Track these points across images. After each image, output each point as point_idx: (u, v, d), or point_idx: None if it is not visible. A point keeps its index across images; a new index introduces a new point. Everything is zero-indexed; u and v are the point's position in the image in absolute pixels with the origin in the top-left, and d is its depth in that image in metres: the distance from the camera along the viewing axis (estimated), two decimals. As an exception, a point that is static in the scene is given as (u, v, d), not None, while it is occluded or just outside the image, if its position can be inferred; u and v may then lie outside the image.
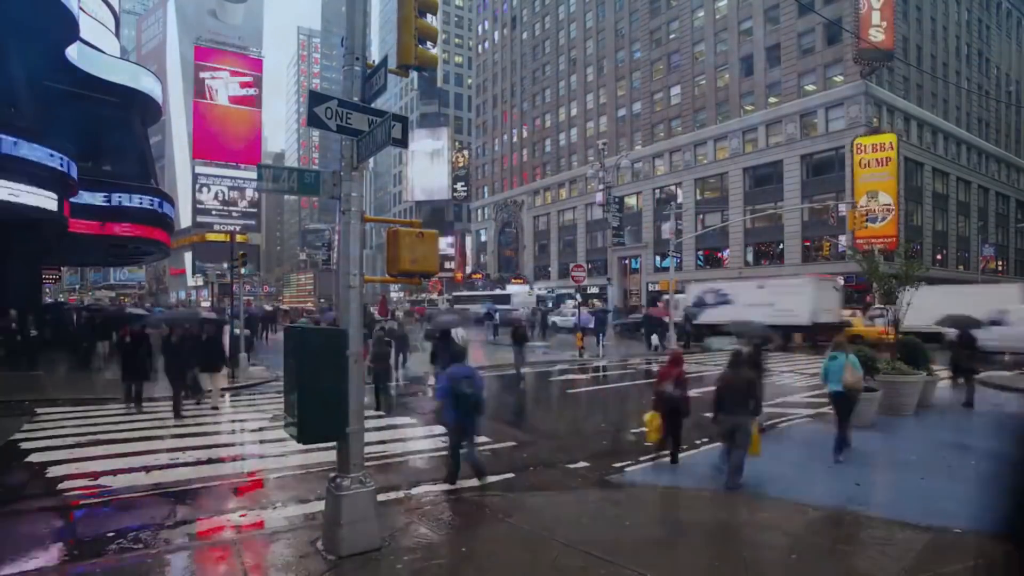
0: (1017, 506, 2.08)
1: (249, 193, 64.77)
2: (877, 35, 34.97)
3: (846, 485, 6.28)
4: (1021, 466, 2.13)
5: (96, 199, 20.63)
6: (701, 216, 45.43)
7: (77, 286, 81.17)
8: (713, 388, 6.55)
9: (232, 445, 8.59)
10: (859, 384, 7.59)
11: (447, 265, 71.99)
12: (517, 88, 68.48)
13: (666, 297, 26.77)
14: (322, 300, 75.87)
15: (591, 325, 22.07)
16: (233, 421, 10.46)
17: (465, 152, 79.16)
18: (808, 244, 39.62)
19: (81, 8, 17.74)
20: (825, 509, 5.55)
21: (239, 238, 30.35)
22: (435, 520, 5.24)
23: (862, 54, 35.98)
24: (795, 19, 39.69)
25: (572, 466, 7.24)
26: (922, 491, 6.04)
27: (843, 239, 35.84)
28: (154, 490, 6.38)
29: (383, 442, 8.31)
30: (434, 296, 55.44)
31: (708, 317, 25.30)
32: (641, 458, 7.42)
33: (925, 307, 11.59)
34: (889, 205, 34.41)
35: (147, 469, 7.03)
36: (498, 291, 48.16)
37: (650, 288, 48.54)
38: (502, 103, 71.45)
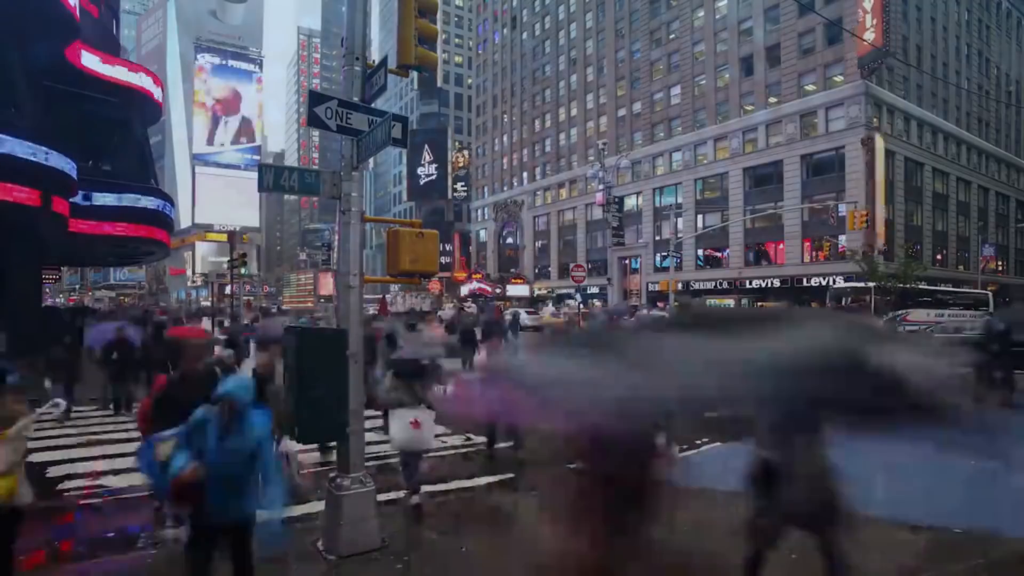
0: None
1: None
2: (869, 35, 34.95)
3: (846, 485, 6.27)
4: None
5: (96, 199, 20.61)
6: (701, 216, 45.45)
7: (77, 286, 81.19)
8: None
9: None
10: None
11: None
12: (517, 88, 68.48)
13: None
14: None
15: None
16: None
17: (465, 152, 79.19)
18: (808, 244, 39.65)
19: (81, 8, 17.74)
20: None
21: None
22: (435, 520, 5.25)
23: (862, 60, 35.95)
24: (795, 19, 39.68)
25: (572, 466, 7.23)
26: (923, 491, 6.04)
27: (843, 239, 35.83)
28: (155, 490, 6.38)
29: (383, 442, 8.30)
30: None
31: None
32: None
33: None
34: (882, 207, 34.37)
35: (147, 469, 7.02)
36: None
37: (650, 288, 48.55)
38: (502, 103, 71.45)
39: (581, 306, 26.75)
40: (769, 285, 40.22)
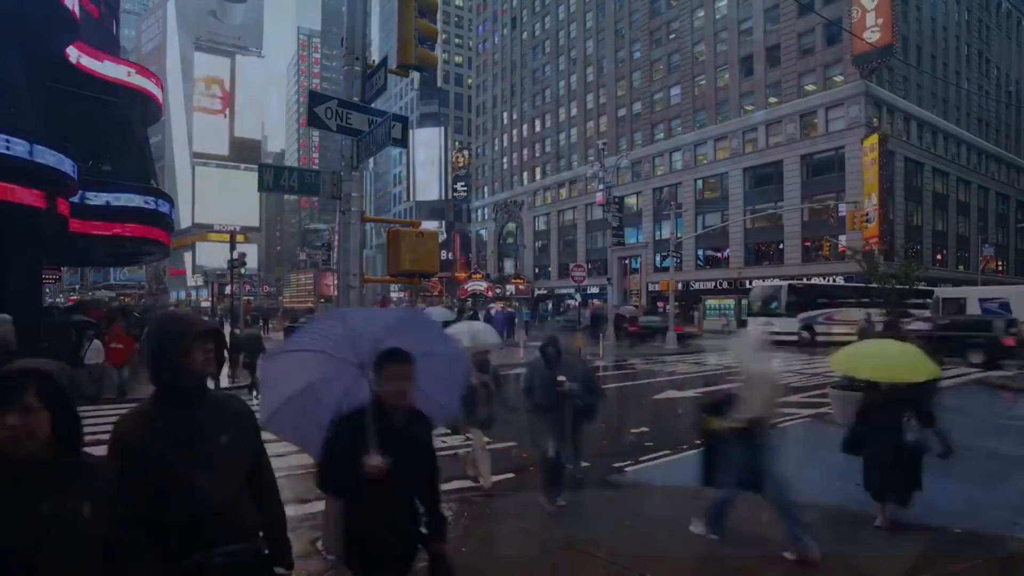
0: None
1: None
2: (873, 35, 34.92)
3: (846, 485, 6.28)
4: None
5: (96, 199, 20.57)
6: (701, 216, 45.45)
7: (77, 286, 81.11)
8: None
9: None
10: None
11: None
12: (517, 88, 68.50)
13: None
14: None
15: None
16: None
17: (465, 152, 79.19)
18: (808, 244, 39.63)
19: (81, 8, 17.73)
20: (825, 509, 5.55)
21: (239, 239, 30.50)
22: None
23: (858, 59, 35.94)
24: (795, 19, 39.70)
25: (572, 466, 7.24)
26: (922, 491, 6.04)
27: (843, 239, 35.82)
28: (154, 490, 6.36)
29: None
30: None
31: None
32: (641, 458, 7.42)
33: None
34: (876, 205, 34.31)
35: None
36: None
37: (650, 288, 48.55)
38: (502, 103, 71.46)
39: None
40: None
